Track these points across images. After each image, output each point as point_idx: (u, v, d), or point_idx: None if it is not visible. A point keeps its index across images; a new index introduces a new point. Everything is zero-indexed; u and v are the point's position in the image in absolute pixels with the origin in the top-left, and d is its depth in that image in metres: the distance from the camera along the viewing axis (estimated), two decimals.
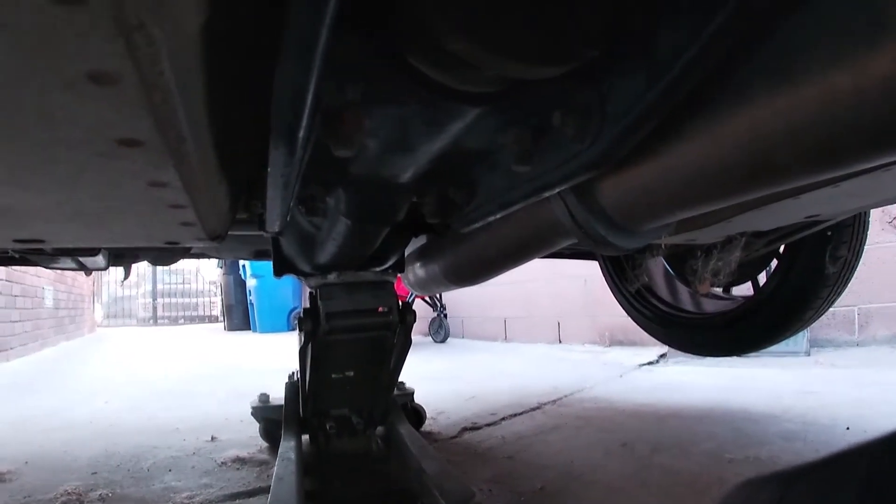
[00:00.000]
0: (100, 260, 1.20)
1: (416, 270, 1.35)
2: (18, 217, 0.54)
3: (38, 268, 1.37)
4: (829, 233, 1.53)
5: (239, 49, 0.41)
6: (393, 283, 1.35)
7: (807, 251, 1.59)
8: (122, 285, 12.48)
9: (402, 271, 1.36)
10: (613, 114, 0.53)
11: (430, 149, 0.67)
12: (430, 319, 6.18)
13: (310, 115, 0.42)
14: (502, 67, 0.45)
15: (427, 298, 6.03)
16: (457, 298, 6.03)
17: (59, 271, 4.61)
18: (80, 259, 1.18)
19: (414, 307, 1.43)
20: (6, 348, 4.51)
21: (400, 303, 1.33)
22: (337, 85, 0.52)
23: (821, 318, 1.69)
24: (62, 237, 0.70)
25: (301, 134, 0.45)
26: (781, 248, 1.66)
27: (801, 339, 3.29)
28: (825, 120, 0.43)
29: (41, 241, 0.68)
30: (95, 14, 0.22)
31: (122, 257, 1.40)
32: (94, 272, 1.41)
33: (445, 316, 6.18)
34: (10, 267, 4.15)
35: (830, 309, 1.67)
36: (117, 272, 1.60)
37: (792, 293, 1.63)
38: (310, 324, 1.26)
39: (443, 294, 5.74)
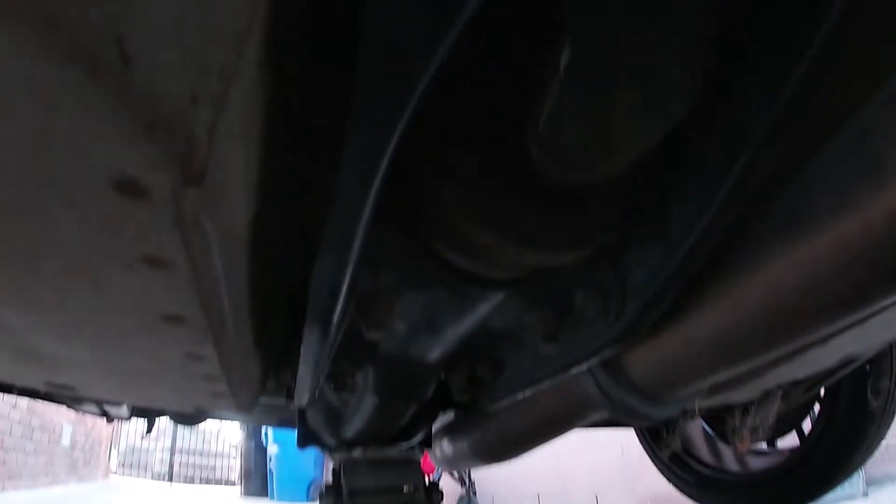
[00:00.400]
0: (124, 410, 1.18)
1: (444, 447, 1.30)
2: (57, 364, 0.56)
3: (61, 405, 1.35)
4: (867, 367, 1.49)
5: (281, 240, 0.44)
6: (419, 461, 1.30)
7: (847, 390, 1.54)
8: (142, 438, 12.07)
9: (429, 447, 1.32)
10: (634, 289, 0.54)
11: (458, 330, 0.68)
12: (458, 497, 5.85)
13: (345, 301, 0.44)
14: (525, 258, 0.47)
15: (455, 474, 5.76)
16: (486, 474, 5.75)
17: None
18: (105, 406, 1.16)
19: (441, 483, 1.36)
20: (16, 476, 4.45)
21: (426, 479, 1.28)
22: (371, 272, 0.54)
23: (874, 455, 1.59)
24: (95, 389, 0.71)
25: (336, 318, 0.47)
26: (822, 392, 1.60)
27: (856, 479, 3.07)
28: (841, 265, 0.44)
29: (73, 388, 0.68)
30: (157, 208, 0.24)
31: (147, 410, 1.38)
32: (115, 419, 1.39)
33: (475, 493, 5.86)
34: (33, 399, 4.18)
35: (882, 443, 1.58)
36: (138, 422, 1.56)
37: (838, 436, 1.56)
38: (332, 500, 1.20)
39: (471, 470, 5.49)
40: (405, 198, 0.48)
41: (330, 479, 1.29)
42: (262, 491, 8.47)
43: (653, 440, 2.00)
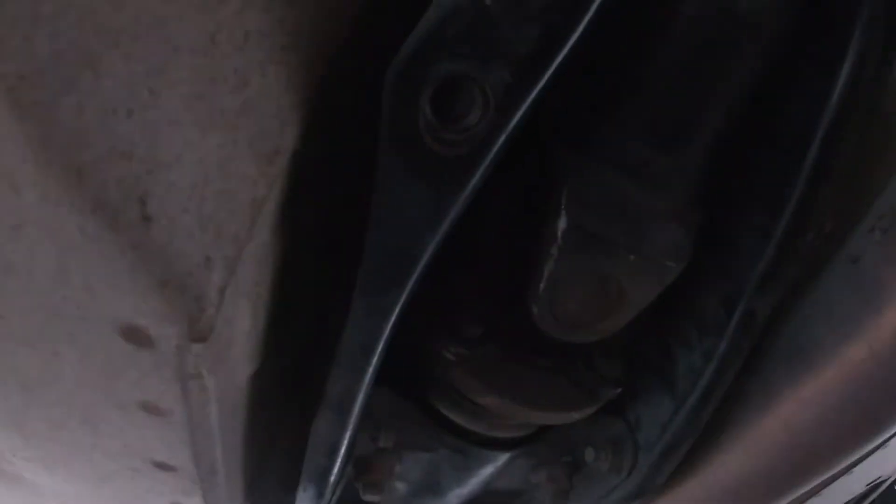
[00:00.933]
0: None
1: None
2: (37, 492, 0.53)
3: None
4: None
5: (280, 396, 0.43)
6: None
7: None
8: None
9: None
10: (646, 443, 0.53)
11: (461, 493, 0.65)
12: None
13: (342, 462, 0.43)
14: (531, 418, 0.47)
15: None
16: None
17: None
18: None
19: None
20: None
21: None
22: (370, 433, 0.53)
23: None
24: None
25: (332, 479, 0.46)
26: None
27: None
28: (852, 395, 0.43)
29: None
30: (160, 358, 0.24)
31: None
32: None
33: None
34: None
35: None
36: None
37: None
38: None
39: None
40: (407, 359, 0.48)
41: None
42: None
43: None
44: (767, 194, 0.43)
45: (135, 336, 0.23)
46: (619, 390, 0.46)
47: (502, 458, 0.58)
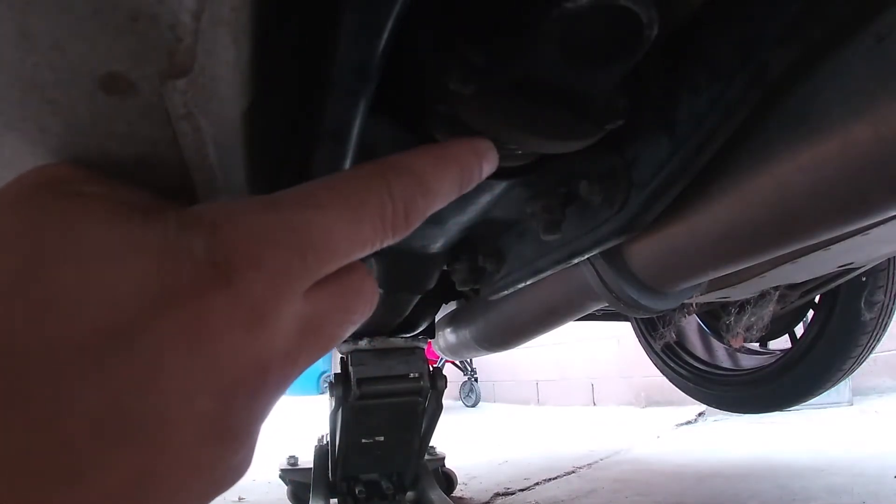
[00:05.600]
0: None
1: (447, 336, 1.35)
2: None
3: None
4: (864, 279, 1.50)
5: (277, 132, 0.43)
6: (423, 350, 1.35)
7: (842, 299, 1.57)
8: None
9: (432, 337, 1.37)
10: (639, 180, 0.54)
11: (460, 221, 0.69)
12: (460, 384, 6.10)
13: None
14: (530, 146, 0.47)
15: (457, 363, 5.98)
16: (488, 362, 5.97)
17: None
18: None
19: (444, 371, 1.43)
20: None
21: (430, 368, 1.33)
22: None
23: (862, 366, 1.65)
24: None
25: None
26: (817, 299, 1.63)
27: (843, 388, 3.18)
28: (849, 172, 0.44)
29: None
30: (146, 103, 0.23)
31: None
32: None
33: (476, 380, 6.11)
34: None
35: (871, 355, 1.63)
36: None
37: (830, 343, 1.60)
38: (341, 389, 1.27)
39: (473, 358, 5.70)
40: (408, 90, 0.47)
41: (338, 370, 1.35)
42: None
43: (648, 332, 2.06)
44: None
45: (115, 85, 0.22)
46: (622, 122, 0.46)
47: (499, 187, 0.60)
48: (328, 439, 1.58)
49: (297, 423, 3.94)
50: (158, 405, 0.20)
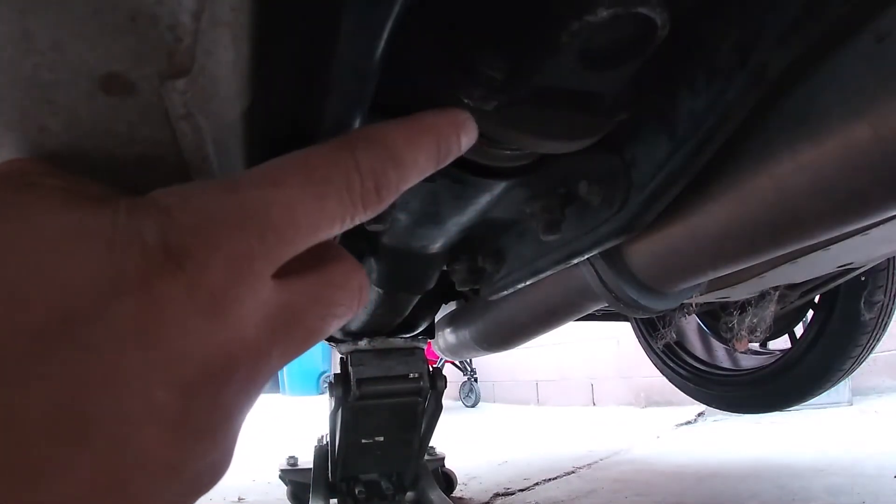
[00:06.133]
0: None
1: (447, 336, 1.35)
2: None
3: None
4: (864, 279, 1.51)
5: (277, 132, 0.43)
6: (423, 350, 1.35)
7: (842, 299, 1.57)
8: None
9: (432, 337, 1.37)
10: (639, 181, 0.54)
11: (460, 221, 0.69)
12: (460, 384, 6.10)
13: None
14: (531, 146, 0.47)
15: (457, 363, 5.98)
16: (487, 363, 5.96)
17: None
18: None
19: (444, 372, 1.43)
20: None
21: (430, 368, 1.33)
22: None
23: (862, 366, 1.65)
24: None
25: None
26: (817, 299, 1.63)
27: (842, 388, 3.18)
28: (848, 171, 0.44)
29: None
30: (146, 102, 0.23)
31: None
32: None
33: (476, 380, 6.10)
34: None
35: (871, 355, 1.63)
36: None
37: (830, 343, 1.60)
38: (340, 389, 1.27)
39: (473, 359, 5.70)
40: (406, 86, 0.47)
41: (338, 370, 1.35)
42: (273, 387, 8.85)
43: (648, 332, 2.06)
44: None
45: (115, 85, 0.22)
46: (629, 114, 0.46)
47: (499, 187, 0.60)
48: (328, 439, 1.58)
49: (297, 424, 3.94)
50: (114, 399, 0.19)
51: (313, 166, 0.24)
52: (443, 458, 1.86)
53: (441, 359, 4.62)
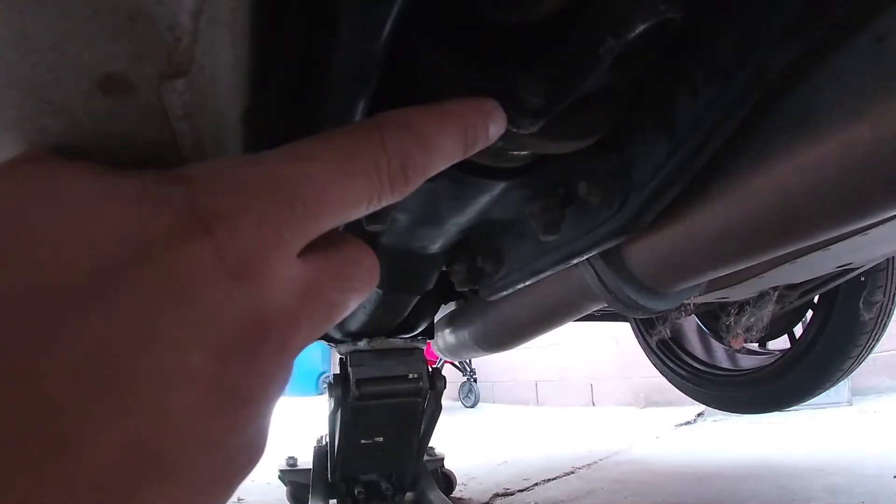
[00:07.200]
0: None
1: (446, 337, 1.35)
2: None
3: None
4: (863, 279, 1.51)
5: (276, 132, 0.43)
6: (422, 350, 1.35)
7: (841, 299, 1.57)
8: None
9: (431, 338, 1.37)
10: (638, 181, 0.54)
11: (459, 221, 0.69)
12: (459, 384, 6.10)
13: None
14: (530, 147, 0.47)
15: (457, 363, 5.98)
16: (487, 363, 5.96)
17: None
18: None
19: (443, 372, 1.43)
20: None
21: (430, 368, 1.33)
22: None
23: (861, 366, 1.65)
24: None
25: None
26: (816, 299, 1.63)
27: (842, 388, 3.18)
28: (848, 172, 0.44)
29: None
30: (145, 103, 0.23)
31: None
32: None
33: (475, 381, 6.10)
34: None
35: (871, 355, 1.63)
36: None
37: (829, 343, 1.60)
38: (340, 389, 1.27)
39: (472, 359, 5.69)
40: (404, 89, 0.47)
41: (337, 370, 1.35)
42: None
43: (647, 332, 2.06)
44: None
45: (114, 85, 0.22)
46: (619, 123, 0.46)
47: (498, 187, 0.60)
48: (327, 440, 1.58)
49: (297, 424, 3.94)
50: (148, 359, 0.19)
51: (341, 143, 0.24)
52: (442, 459, 1.86)
53: (440, 359, 4.62)
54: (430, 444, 1.66)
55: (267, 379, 0.22)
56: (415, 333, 1.31)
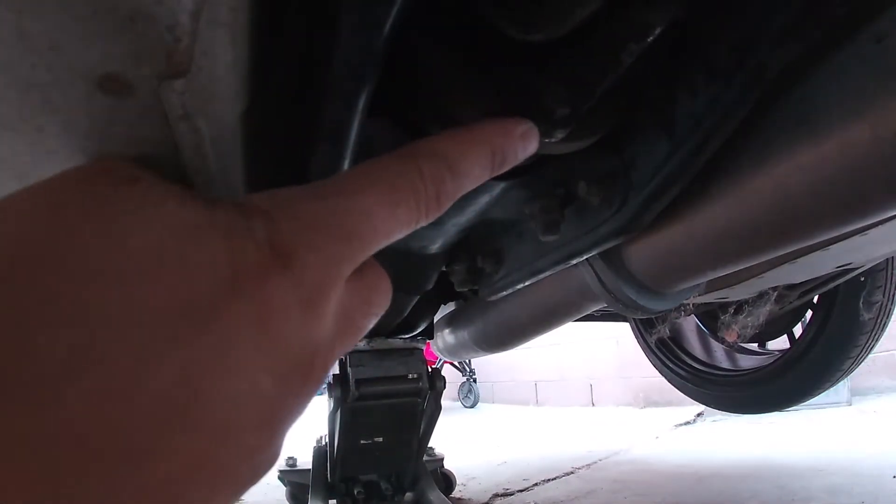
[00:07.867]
0: None
1: (446, 337, 1.35)
2: None
3: None
4: (863, 279, 1.51)
5: (276, 133, 0.43)
6: (422, 350, 1.35)
7: (841, 300, 1.57)
8: None
9: (431, 338, 1.37)
10: (638, 181, 0.54)
11: (459, 221, 0.69)
12: (459, 384, 6.10)
13: None
14: (548, 150, 0.47)
15: (456, 363, 5.98)
16: (486, 363, 5.97)
17: None
18: None
19: (443, 372, 1.43)
20: None
21: (429, 369, 1.33)
22: None
23: (861, 366, 1.65)
24: None
25: None
26: (816, 299, 1.63)
27: (842, 388, 3.18)
28: (847, 172, 0.44)
29: None
30: (144, 104, 0.23)
31: None
32: None
33: (475, 381, 6.10)
34: None
35: (870, 355, 1.63)
36: None
37: (829, 343, 1.60)
38: (339, 390, 1.27)
39: (472, 359, 5.69)
40: (404, 89, 0.47)
41: (336, 370, 1.35)
42: None
43: (646, 332, 2.06)
44: None
45: (113, 85, 0.22)
46: (619, 123, 0.46)
47: (498, 187, 0.60)
48: (327, 440, 1.58)
49: (296, 424, 3.93)
50: (226, 382, 0.20)
51: (384, 176, 0.26)
52: (442, 459, 1.86)
53: (440, 359, 4.62)
54: (429, 445, 1.66)
55: (308, 398, 0.24)
56: (414, 333, 1.31)
